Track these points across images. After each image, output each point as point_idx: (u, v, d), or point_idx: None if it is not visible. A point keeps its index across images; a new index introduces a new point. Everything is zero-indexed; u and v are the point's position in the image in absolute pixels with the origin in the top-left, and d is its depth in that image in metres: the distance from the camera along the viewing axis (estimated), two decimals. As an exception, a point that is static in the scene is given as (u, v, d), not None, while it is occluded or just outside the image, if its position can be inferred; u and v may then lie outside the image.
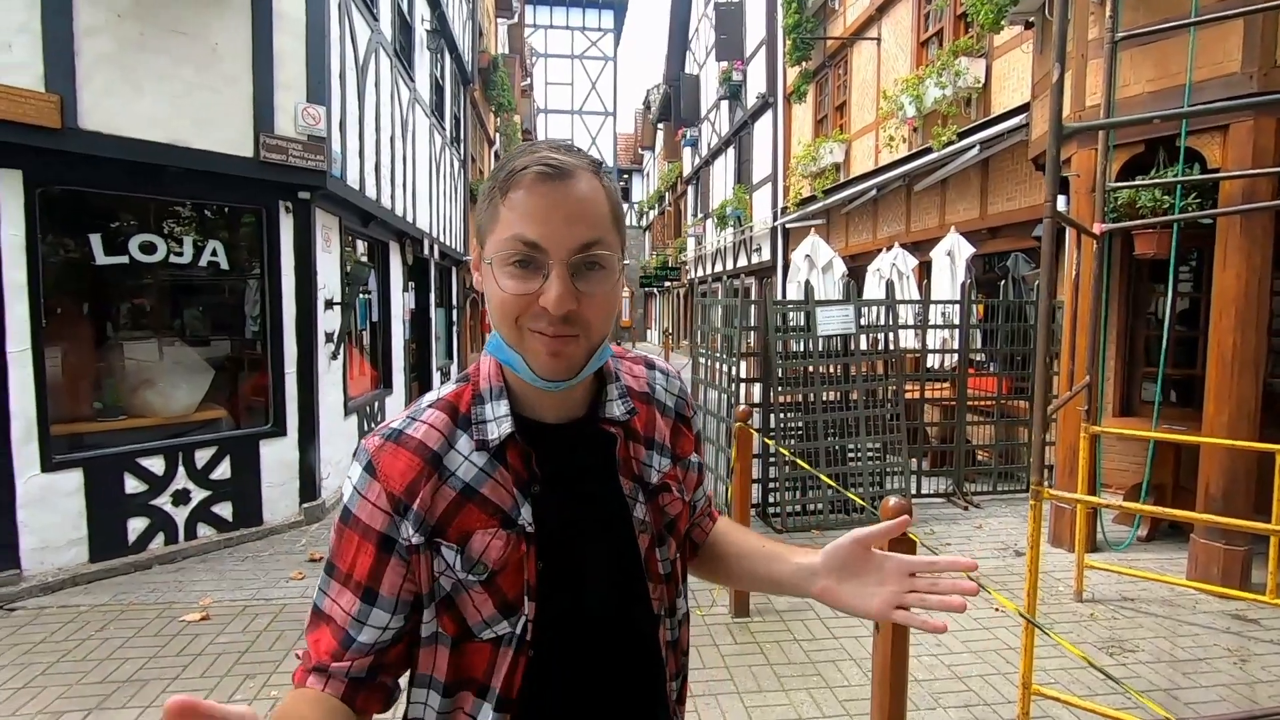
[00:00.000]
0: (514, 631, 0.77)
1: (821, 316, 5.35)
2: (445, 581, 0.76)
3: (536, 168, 0.72)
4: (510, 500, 0.78)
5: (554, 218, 0.71)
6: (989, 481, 6.15)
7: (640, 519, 0.85)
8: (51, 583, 4.05)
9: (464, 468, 0.78)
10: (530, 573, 0.78)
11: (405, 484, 0.75)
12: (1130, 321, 5.33)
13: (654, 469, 0.89)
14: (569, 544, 0.81)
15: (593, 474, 0.84)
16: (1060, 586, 4.15)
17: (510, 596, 0.77)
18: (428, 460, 0.77)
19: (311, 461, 5.34)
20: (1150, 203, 4.27)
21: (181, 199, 4.76)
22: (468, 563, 0.76)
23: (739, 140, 16.39)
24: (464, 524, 0.76)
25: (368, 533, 0.75)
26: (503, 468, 0.79)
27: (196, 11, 4.45)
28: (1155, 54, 4.25)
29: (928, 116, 8.16)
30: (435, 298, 10.82)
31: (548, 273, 0.72)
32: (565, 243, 0.72)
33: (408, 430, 0.79)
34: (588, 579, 0.82)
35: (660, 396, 0.95)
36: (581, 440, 0.84)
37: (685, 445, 0.95)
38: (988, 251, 7.56)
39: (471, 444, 0.79)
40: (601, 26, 34.00)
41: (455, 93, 11.99)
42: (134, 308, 4.92)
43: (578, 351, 0.75)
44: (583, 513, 0.83)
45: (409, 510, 0.75)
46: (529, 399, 0.82)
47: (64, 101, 3.93)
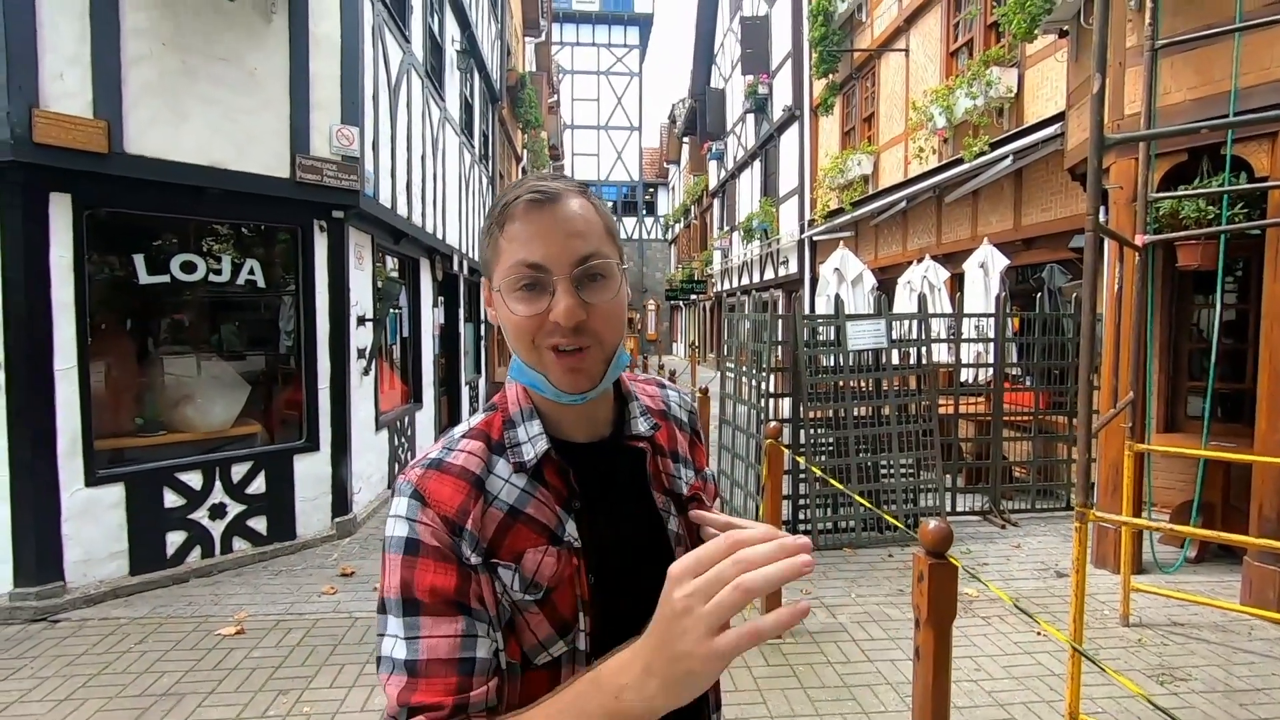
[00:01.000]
0: (574, 648, 0.78)
1: (852, 331, 5.28)
2: (504, 603, 0.76)
3: (527, 196, 0.76)
4: (554, 518, 0.79)
5: (551, 237, 0.75)
6: (1027, 499, 5.99)
7: (675, 531, 0.87)
8: (93, 595, 4.14)
9: (506, 490, 0.79)
10: (583, 588, 0.79)
11: (456, 506, 0.75)
12: (1174, 335, 5.17)
13: (683, 481, 0.92)
14: (615, 558, 0.82)
15: (627, 490, 0.87)
16: (1105, 610, 4.00)
17: (566, 615, 0.78)
18: (472, 484, 0.77)
19: (344, 476, 5.41)
20: (1194, 213, 4.14)
21: (221, 219, 4.88)
22: (524, 582, 0.76)
23: (765, 153, 16.37)
24: (515, 544, 0.77)
25: (438, 553, 0.73)
26: (543, 487, 0.80)
27: (237, 38, 4.58)
28: (1197, 60, 4.14)
29: (958, 127, 8.06)
30: (464, 313, 10.93)
31: (554, 289, 0.75)
32: (565, 258, 0.75)
33: (447, 459, 0.79)
34: (636, 592, 0.82)
35: (676, 412, 0.99)
36: (612, 458, 0.87)
37: (701, 458, 0.99)
38: (1022, 263, 7.41)
39: (509, 467, 0.80)
40: (627, 43, 34.34)
41: (484, 111, 12.18)
42: (173, 324, 5.05)
43: (594, 363, 0.78)
44: (621, 526, 0.84)
45: (464, 531, 0.75)
46: (557, 420, 0.84)
47: (111, 127, 4.07)
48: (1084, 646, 2.82)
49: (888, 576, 4.59)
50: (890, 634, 3.74)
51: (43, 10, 3.83)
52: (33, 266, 3.92)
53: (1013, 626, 3.83)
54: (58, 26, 3.88)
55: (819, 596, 4.26)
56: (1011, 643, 3.65)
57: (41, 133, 3.81)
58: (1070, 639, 2.40)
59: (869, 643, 3.65)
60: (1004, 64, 7.38)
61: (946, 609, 2.02)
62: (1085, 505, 2.54)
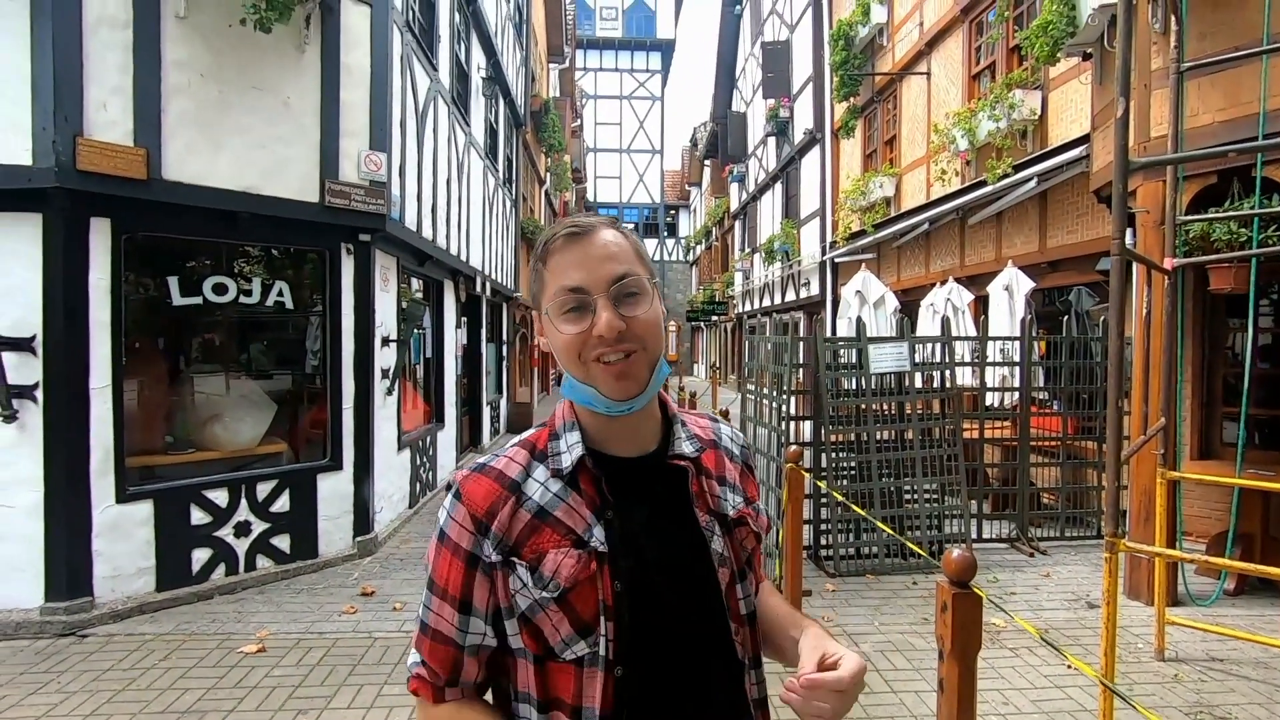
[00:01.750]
0: (596, 651, 0.82)
1: (874, 354, 5.24)
2: (521, 600, 0.83)
3: (564, 232, 0.86)
4: (584, 523, 0.85)
5: (588, 264, 0.84)
6: (1056, 526, 5.85)
7: (719, 552, 0.90)
8: (120, 610, 4.21)
9: (540, 493, 0.86)
10: (606, 592, 0.83)
11: (486, 507, 0.85)
12: (1207, 359, 5.05)
13: (729, 503, 0.95)
14: (645, 569, 0.85)
15: (667, 507, 0.90)
16: (1139, 643, 3.87)
17: (586, 616, 0.82)
18: (506, 487, 0.86)
19: (366, 495, 5.46)
20: (1225, 235, 4.07)
21: (252, 242, 5.01)
22: (540, 580, 0.82)
23: (786, 175, 16.42)
24: (538, 544, 0.84)
25: (457, 550, 0.85)
26: (576, 493, 0.87)
27: (271, 68, 4.73)
28: (1225, 82, 4.10)
29: (981, 149, 8.02)
30: (486, 333, 11.04)
31: (594, 308, 0.83)
32: (602, 279, 0.84)
33: (491, 463, 0.89)
34: (668, 608, 0.86)
35: (727, 444, 1.03)
36: (655, 474, 0.91)
37: (752, 490, 1.03)
38: (1048, 285, 7.31)
39: (548, 473, 0.88)
40: (649, 68, 34.83)
41: (508, 135, 12.40)
42: (203, 344, 5.17)
43: (640, 368, 0.85)
44: (659, 543, 0.87)
45: (489, 530, 0.84)
46: (603, 436, 0.90)
47: (150, 154, 4.22)
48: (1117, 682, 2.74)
49: (911, 605, 4.49)
50: (914, 664, 3.66)
51: (89, 43, 4.00)
52: (73, 288, 4.05)
53: (1042, 659, 3.72)
54: (103, 58, 4.05)
55: (841, 624, 4.18)
56: (1041, 676, 3.54)
57: (85, 160, 3.96)
58: (1101, 675, 2.33)
59: (892, 673, 3.57)
60: (1027, 86, 7.35)
61: (971, 640, 1.97)
62: (1115, 534, 2.48)
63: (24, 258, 3.97)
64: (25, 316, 3.99)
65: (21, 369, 4.00)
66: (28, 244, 3.98)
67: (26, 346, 3.99)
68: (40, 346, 4.01)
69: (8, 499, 4.00)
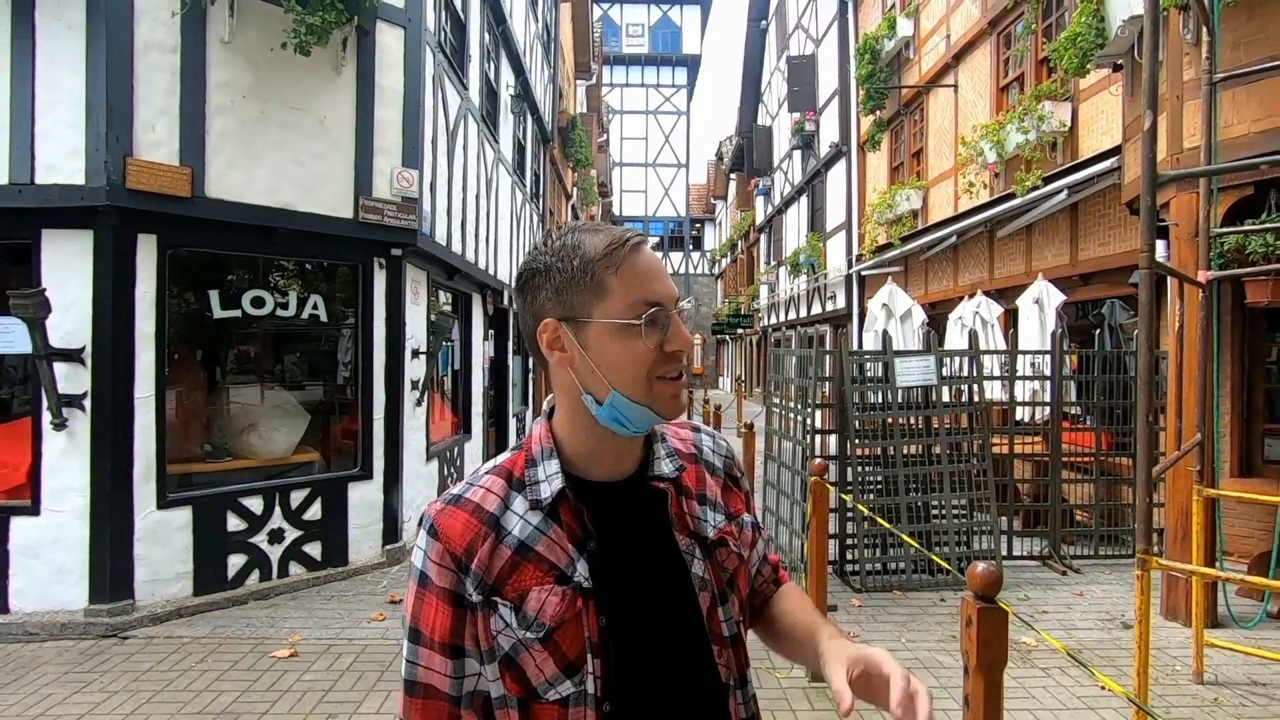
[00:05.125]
0: (583, 689, 0.79)
1: (901, 368, 5.21)
2: (504, 640, 0.78)
3: (633, 239, 0.81)
4: (566, 557, 0.81)
5: (662, 276, 0.82)
6: (1089, 544, 5.72)
7: (699, 575, 0.86)
8: (159, 613, 4.34)
9: (520, 527, 0.81)
10: (591, 629, 0.79)
11: (464, 544, 0.79)
12: (1247, 374, 4.93)
13: (709, 524, 0.90)
14: (630, 600, 0.82)
15: (648, 532, 0.86)
16: (1177, 665, 3.77)
17: (571, 655, 0.79)
18: (485, 521, 0.81)
19: (395, 504, 5.55)
20: (1262, 248, 4.00)
21: (288, 257, 5.17)
22: (524, 620, 0.78)
23: (812, 189, 16.39)
24: (520, 582, 0.79)
25: (441, 592, 0.79)
26: (557, 525, 0.82)
27: (309, 89, 4.90)
28: (1261, 92, 4.03)
29: (1009, 161, 7.95)
30: (513, 346, 11.17)
31: (665, 324, 0.79)
32: (673, 294, 0.82)
33: (465, 495, 0.83)
34: (652, 637, 0.83)
35: (708, 457, 0.98)
36: (634, 498, 0.87)
37: (736, 503, 0.97)
38: (1080, 299, 7.19)
39: (526, 504, 0.82)
40: (675, 83, 35.11)
41: (535, 151, 12.59)
42: (240, 355, 5.34)
43: (684, 387, 0.84)
44: (641, 570, 0.84)
45: (469, 569, 0.79)
46: (581, 459, 0.85)
47: (194, 173, 4.39)
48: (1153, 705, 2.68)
49: (939, 621, 4.43)
50: (943, 682, 3.61)
51: (139, 67, 4.20)
52: (120, 302, 4.23)
53: (1074, 679, 3.65)
54: (151, 81, 4.24)
55: (867, 640, 4.14)
56: (1074, 696, 3.47)
57: (134, 179, 4.14)
58: (1134, 694, 2.29)
59: (919, 690, 3.52)
60: (1056, 98, 7.28)
61: (997, 656, 1.96)
62: (1147, 552, 2.44)
63: (76, 273, 4.16)
64: (76, 329, 4.17)
65: (72, 379, 4.17)
66: (80, 260, 4.17)
67: (76, 357, 4.17)
68: (89, 357, 4.18)
69: (57, 504, 4.17)
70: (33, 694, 3.48)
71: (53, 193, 4.07)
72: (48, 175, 4.07)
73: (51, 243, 4.16)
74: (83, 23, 4.07)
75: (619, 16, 34.01)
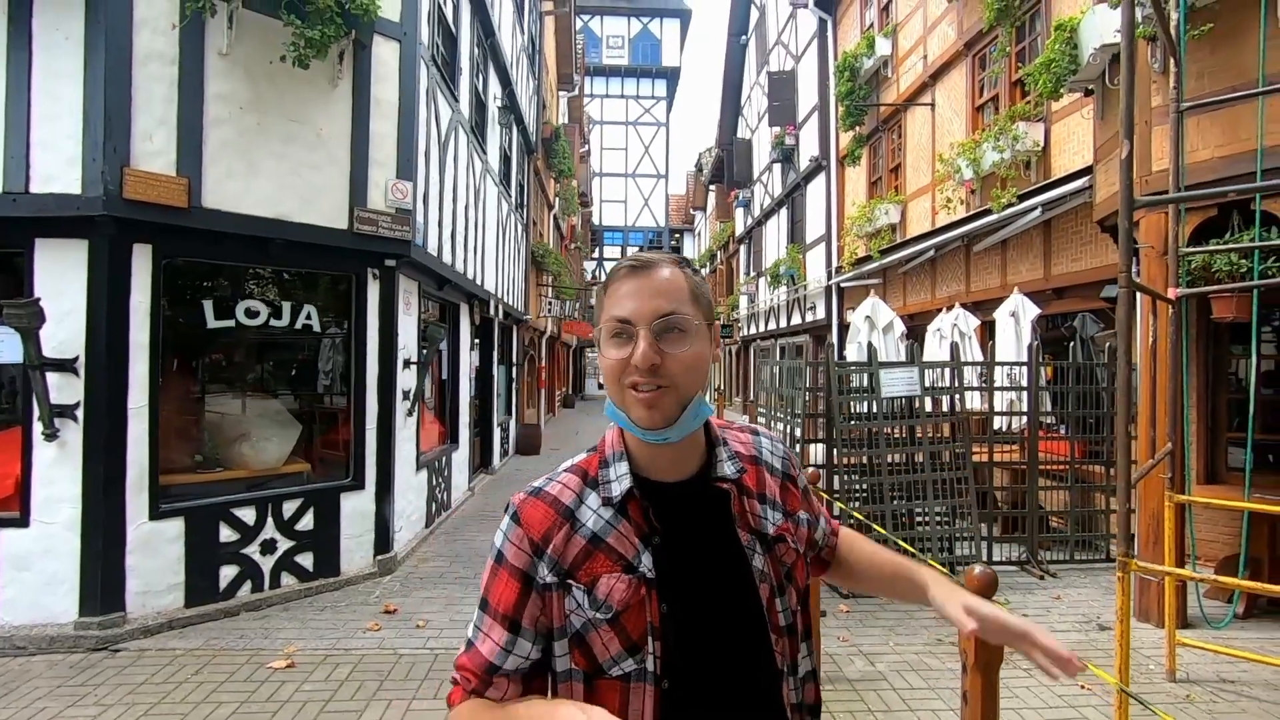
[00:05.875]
0: (643, 667, 0.89)
1: (886, 379, 5.37)
2: (576, 619, 0.90)
3: (626, 265, 0.93)
4: (633, 549, 0.91)
5: (639, 297, 0.89)
6: (1065, 550, 5.91)
7: (759, 569, 0.95)
8: (151, 626, 4.30)
9: (593, 520, 0.92)
10: (653, 614, 0.89)
11: (542, 531, 0.92)
12: (1211, 385, 5.17)
13: (769, 521, 1.00)
14: (691, 591, 0.91)
15: (711, 528, 0.96)
16: (1150, 665, 3.94)
17: (635, 636, 0.89)
18: (561, 513, 0.93)
19: (387, 514, 5.56)
20: (1226, 266, 4.22)
21: (283, 267, 5.17)
22: (595, 603, 0.89)
23: (792, 201, 16.67)
24: (592, 568, 0.90)
25: (513, 571, 0.91)
26: (626, 521, 0.92)
27: (306, 101, 4.94)
28: (1224, 119, 4.27)
29: (986, 179, 8.22)
30: (497, 355, 11.19)
31: (636, 338, 0.88)
32: (647, 314, 0.88)
33: (546, 488, 0.96)
34: (712, 623, 0.92)
35: (767, 459, 1.07)
36: (698, 498, 0.96)
37: (793, 501, 1.06)
38: (1053, 312, 7.45)
39: (599, 500, 0.93)
40: (655, 95, 35.45)
41: (520, 162, 12.67)
42: (233, 365, 5.32)
43: (669, 403, 0.88)
44: (703, 563, 0.93)
45: (544, 553, 0.91)
46: (647, 461, 0.95)
47: (191, 183, 4.40)
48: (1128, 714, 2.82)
49: (925, 625, 4.57)
50: (930, 683, 3.73)
51: (138, 77, 4.20)
52: (115, 312, 4.21)
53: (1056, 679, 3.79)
54: (150, 92, 4.25)
55: (857, 644, 4.26)
56: (1055, 695, 3.62)
57: (131, 189, 4.14)
58: (1116, 679, 2.42)
59: (909, 691, 3.65)
60: (1030, 119, 7.57)
61: (994, 653, 2.07)
62: (1127, 555, 2.58)
63: (71, 282, 4.14)
64: (70, 339, 4.14)
65: (64, 389, 4.14)
66: (74, 269, 4.15)
67: (69, 367, 4.14)
68: (82, 368, 4.16)
69: (48, 515, 4.12)
70: (25, 708, 3.44)
71: (48, 202, 4.05)
72: (44, 185, 4.05)
73: (45, 252, 4.14)
74: (81, 33, 4.07)
75: (599, 28, 34.30)
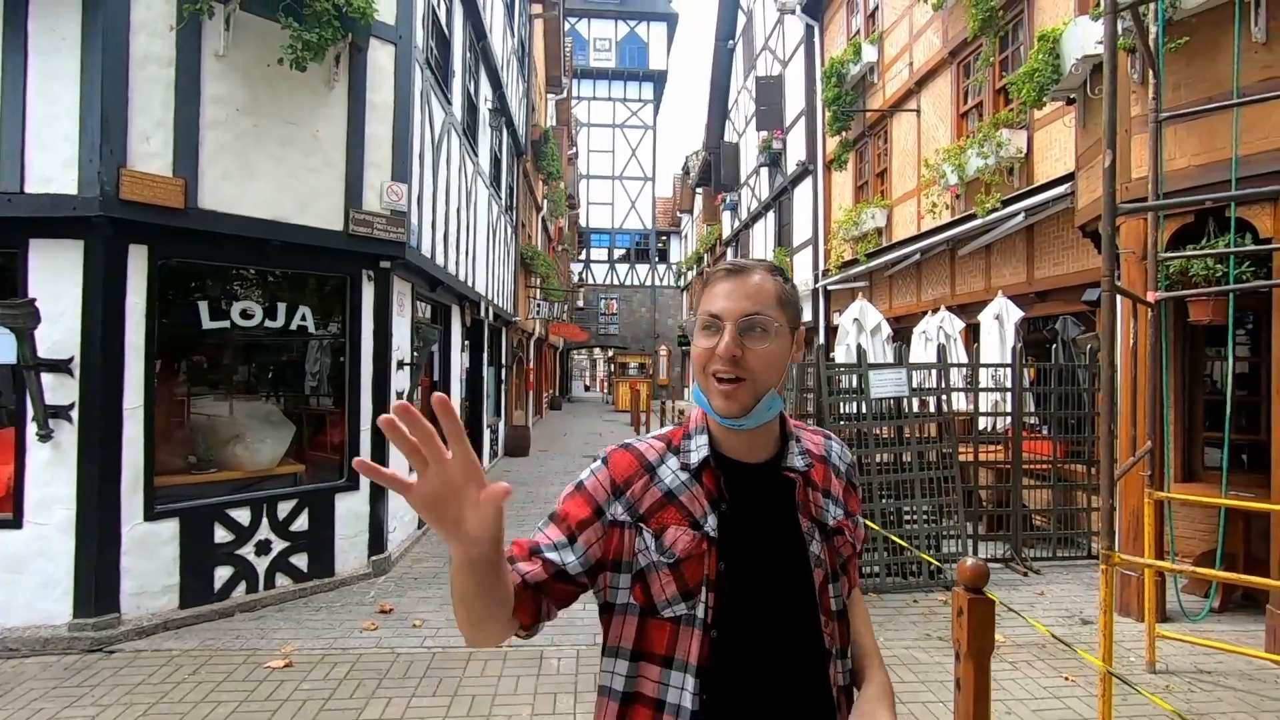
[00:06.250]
0: (694, 613, 0.99)
1: (875, 380, 5.48)
2: (642, 559, 1.02)
3: (725, 268, 1.05)
4: (701, 510, 1.03)
5: (731, 297, 1.01)
6: (1048, 547, 6.06)
7: (816, 554, 1.06)
8: (145, 627, 4.30)
9: (670, 478, 1.05)
10: (710, 569, 1.00)
11: (624, 477, 1.05)
12: (1188, 386, 5.32)
13: (830, 514, 1.10)
14: (747, 557, 1.02)
15: (775, 511, 1.06)
16: (1131, 657, 4.07)
17: (691, 585, 1.00)
18: (644, 465, 1.06)
19: (381, 515, 5.58)
20: (1203, 271, 4.36)
21: (279, 268, 5.18)
22: (660, 548, 1.01)
23: (779, 205, 16.83)
24: (663, 519, 1.02)
25: (588, 499, 1.04)
26: (699, 485, 1.04)
27: (303, 104, 4.96)
28: (1200, 129, 4.41)
29: (970, 184, 8.38)
30: (487, 357, 11.21)
31: (723, 332, 0.99)
32: (734, 312, 1.00)
33: (635, 444, 1.10)
34: (764, 590, 1.02)
35: (834, 461, 1.17)
36: (767, 481, 1.07)
37: (853, 504, 1.17)
38: (1036, 315, 7.61)
39: (678, 464, 1.06)
40: (642, 98, 35.53)
41: (510, 164, 12.70)
42: (228, 366, 5.32)
43: (745, 394, 0.99)
44: (763, 537, 1.04)
45: (621, 495, 1.04)
46: (724, 440, 1.07)
47: (188, 185, 4.41)
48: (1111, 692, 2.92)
49: (913, 621, 4.67)
50: (920, 677, 3.83)
51: (135, 79, 4.21)
52: (110, 312, 4.21)
53: (1040, 671, 3.91)
54: (148, 94, 4.26)
55: (848, 639, 4.34)
56: (1040, 687, 3.73)
57: (127, 190, 4.14)
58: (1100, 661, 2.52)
59: (900, 685, 3.73)
60: (1014, 126, 7.73)
61: (985, 642, 2.17)
62: (1110, 549, 2.69)
63: (66, 283, 4.13)
64: (64, 340, 4.13)
65: (59, 390, 4.13)
66: (69, 270, 4.14)
67: (64, 368, 4.13)
68: (77, 368, 4.15)
69: (42, 516, 4.11)
70: (23, 709, 3.44)
71: (44, 202, 4.04)
72: (40, 185, 4.04)
73: (40, 253, 4.13)
74: (78, 35, 4.08)
75: (586, 31, 34.35)
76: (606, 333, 34.54)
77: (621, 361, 33.70)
